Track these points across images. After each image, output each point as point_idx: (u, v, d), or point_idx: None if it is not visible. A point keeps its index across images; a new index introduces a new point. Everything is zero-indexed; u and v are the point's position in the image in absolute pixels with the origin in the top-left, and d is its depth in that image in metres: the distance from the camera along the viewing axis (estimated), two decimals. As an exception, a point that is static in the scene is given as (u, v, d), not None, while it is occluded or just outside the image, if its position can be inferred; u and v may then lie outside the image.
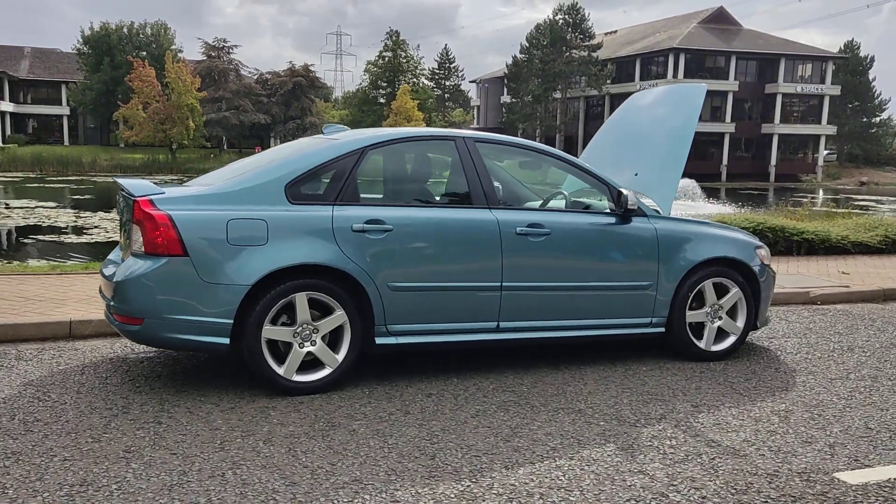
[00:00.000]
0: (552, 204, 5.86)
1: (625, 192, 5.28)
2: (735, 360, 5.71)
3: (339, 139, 4.93)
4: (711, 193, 34.81)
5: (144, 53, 62.03)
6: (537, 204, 5.76)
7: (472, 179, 5.03)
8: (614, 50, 65.71)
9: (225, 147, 66.92)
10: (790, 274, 9.15)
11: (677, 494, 3.42)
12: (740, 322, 5.74)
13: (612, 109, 64.41)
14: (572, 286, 5.19)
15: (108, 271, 4.64)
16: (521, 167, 6.32)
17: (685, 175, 6.63)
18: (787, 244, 10.73)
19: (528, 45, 68.23)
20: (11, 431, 3.86)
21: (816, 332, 6.72)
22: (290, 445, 3.80)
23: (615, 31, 75.51)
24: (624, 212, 5.30)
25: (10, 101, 63.17)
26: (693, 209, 19.76)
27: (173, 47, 64.44)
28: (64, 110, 65.53)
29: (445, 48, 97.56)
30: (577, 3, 63.70)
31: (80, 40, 62.73)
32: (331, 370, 4.61)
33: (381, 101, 70.84)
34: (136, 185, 4.46)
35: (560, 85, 65.05)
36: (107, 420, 4.07)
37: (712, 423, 4.34)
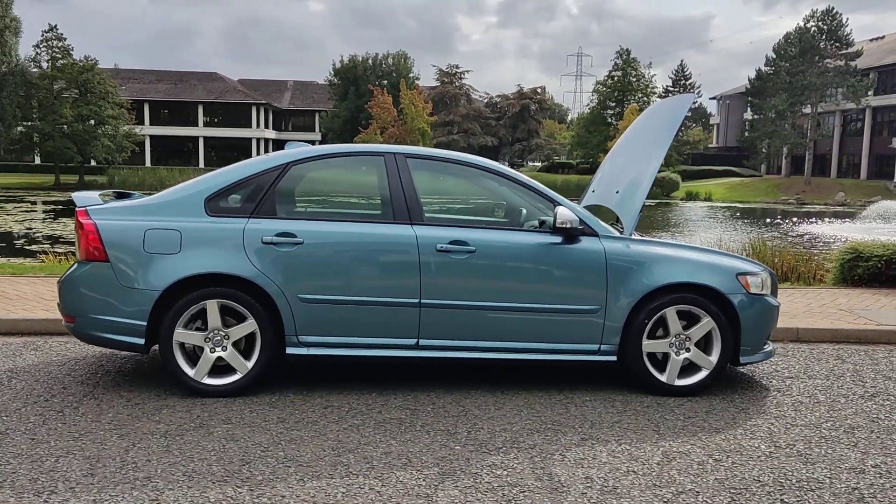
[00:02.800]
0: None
1: (560, 209, 5.01)
2: (706, 397, 5.15)
3: (268, 156, 5.19)
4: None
5: (385, 82, 66.61)
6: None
7: (395, 195, 5.05)
8: (879, 58, 59.39)
9: (455, 168, 69.63)
10: (899, 309, 7.93)
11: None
12: (714, 355, 5.17)
13: (874, 123, 58.28)
14: (501, 307, 5.01)
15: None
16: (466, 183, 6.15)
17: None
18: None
19: (774, 56, 63.79)
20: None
21: (840, 375, 5.84)
22: (136, 440, 4.09)
23: (882, 37, 68.21)
24: (555, 230, 5.02)
25: (273, 128, 70.88)
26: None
27: (410, 75, 68.50)
28: (316, 136, 72.16)
29: (681, 64, 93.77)
30: (832, 8, 58.48)
31: (332, 72, 68.79)
32: (241, 375, 4.86)
33: (610, 121, 69.85)
34: (81, 197, 5.02)
35: (811, 98, 59.97)
36: (36, 407, 4.63)
37: (575, 459, 4.01)
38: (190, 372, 4.83)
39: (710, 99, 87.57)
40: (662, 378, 5.16)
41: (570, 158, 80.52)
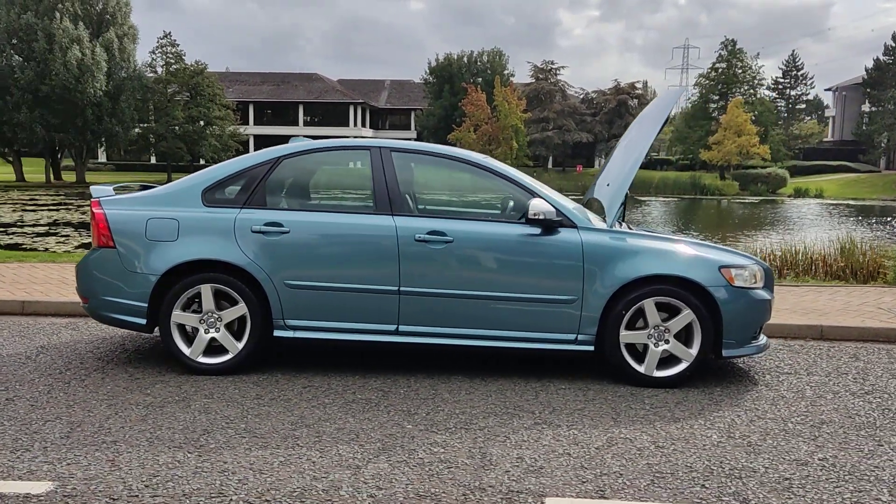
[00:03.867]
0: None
1: (534, 200, 5.13)
2: (685, 389, 5.18)
3: (262, 150, 5.52)
4: None
5: (480, 80, 66.87)
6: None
7: (379, 187, 5.30)
8: None
9: (550, 166, 69.28)
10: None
11: (322, 490, 3.48)
12: (694, 348, 5.17)
13: None
14: (477, 295, 5.17)
15: (83, 260, 5.77)
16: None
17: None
18: None
19: (894, 44, 60.37)
20: None
21: (844, 373, 5.70)
22: (120, 410, 4.50)
23: None
24: (528, 221, 5.14)
25: (370, 127, 72.44)
26: None
27: (505, 72, 68.48)
28: (412, 135, 73.21)
29: (792, 54, 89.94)
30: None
31: (427, 71, 69.63)
32: (232, 355, 5.23)
33: (713, 115, 67.73)
34: (97, 189, 5.49)
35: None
36: (45, 380, 5.13)
37: (518, 441, 4.17)
38: (186, 351, 5.22)
39: (826, 90, 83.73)
40: (641, 369, 5.20)
41: (670, 154, 78.64)
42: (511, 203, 5.56)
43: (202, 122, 54.89)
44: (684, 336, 5.23)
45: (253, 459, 3.81)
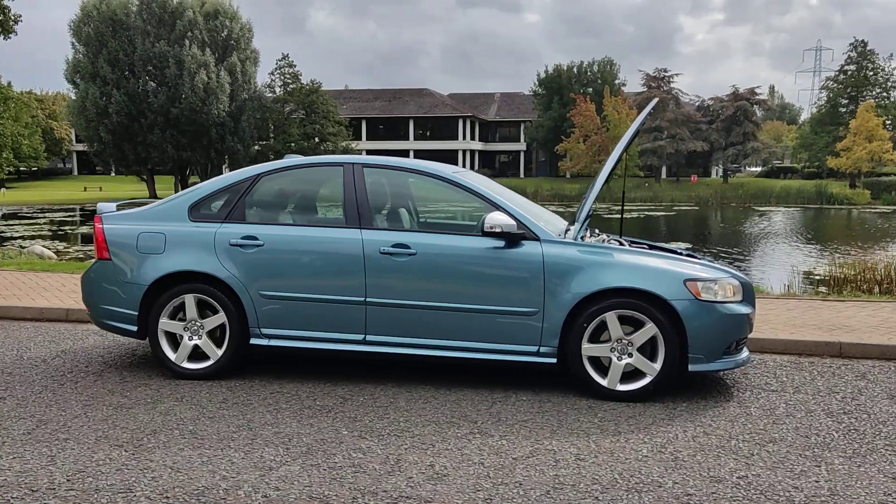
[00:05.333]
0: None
1: (491, 214, 5.20)
2: (648, 403, 5.10)
3: (245, 168, 5.84)
4: None
5: (590, 90, 66.22)
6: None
7: (349, 201, 5.51)
8: None
9: (663, 175, 67.59)
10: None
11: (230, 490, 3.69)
12: (658, 362, 5.07)
13: None
14: (440, 307, 5.28)
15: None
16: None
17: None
18: None
19: None
20: None
21: (834, 392, 5.42)
22: (92, 410, 4.89)
23: None
24: (483, 234, 5.20)
25: (480, 140, 73.02)
26: None
27: (616, 81, 67.50)
28: (521, 146, 73.29)
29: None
30: None
31: (536, 82, 69.58)
32: (213, 361, 5.56)
33: (841, 120, 64.16)
34: (102, 206, 5.97)
35: None
36: (42, 378, 5.63)
37: (439, 449, 4.25)
38: (172, 357, 5.59)
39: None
40: (604, 382, 5.15)
41: (794, 162, 75.01)
42: (482, 216, 5.63)
43: (317, 139, 57.04)
44: (649, 350, 5.14)
45: (178, 459, 4.08)
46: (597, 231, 6.20)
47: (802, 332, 6.91)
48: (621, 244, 5.74)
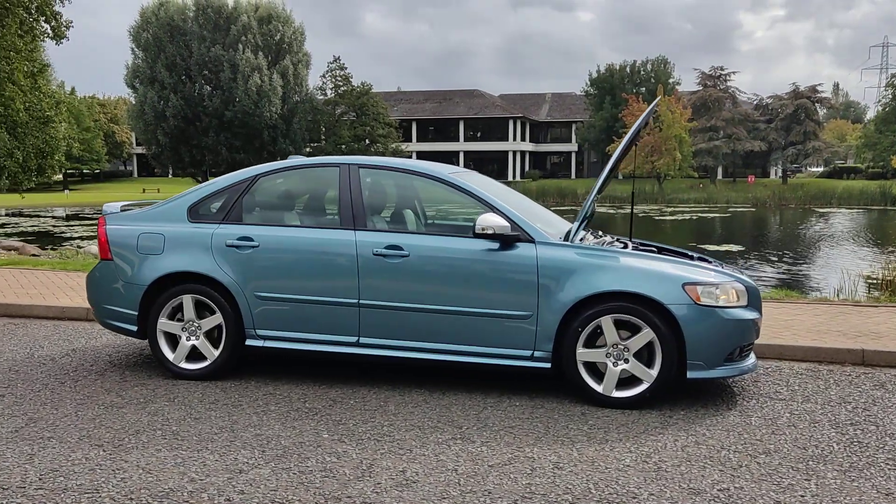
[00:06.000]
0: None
1: (484, 215, 5.09)
2: (645, 411, 4.94)
3: (243, 170, 5.84)
4: None
5: (643, 89, 65.26)
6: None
7: (344, 202, 5.47)
8: None
9: (719, 176, 66.22)
10: None
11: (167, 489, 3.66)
12: (655, 369, 4.90)
13: None
14: (433, 309, 5.19)
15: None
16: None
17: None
18: None
19: None
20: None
21: (845, 402, 5.16)
22: (83, 410, 4.93)
23: None
24: (476, 235, 5.09)
25: (530, 141, 72.59)
26: None
27: (670, 80, 66.37)
28: (572, 147, 72.62)
29: None
30: None
31: (588, 82, 68.88)
32: (210, 362, 5.57)
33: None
34: (107, 207, 6.04)
35: None
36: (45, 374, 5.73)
37: (415, 455, 4.18)
38: (170, 357, 5.62)
39: None
40: (599, 389, 5.01)
41: (858, 162, 72.67)
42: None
43: (367, 141, 57.46)
44: (646, 356, 4.97)
45: (153, 460, 4.08)
46: (600, 233, 6.04)
47: (825, 338, 6.62)
48: (626, 246, 5.57)
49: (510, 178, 67.81)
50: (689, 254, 5.97)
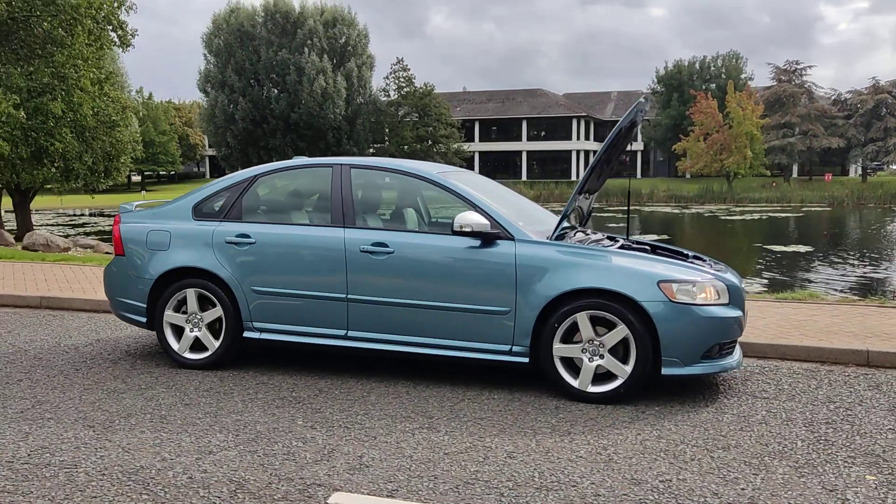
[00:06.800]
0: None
1: (462, 213, 5.23)
2: (618, 406, 5.00)
3: (244, 170, 6.12)
4: None
5: (713, 85, 63.91)
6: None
7: (335, 201, 5.68)
8: None
9: (794, 174, 64.34)
10: None
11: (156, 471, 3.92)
12: (629, 365, 4.96)
13: None
14: (416, 304, 5.36)
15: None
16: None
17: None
18: None
19: None
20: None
21: (830, 402, 5.11)
22: (88, 395, 5.28)
23: None
24: (454, 233, 5.24)
25: (595, 140, 71.86)
26: None
27: (742, 76, 64.80)
28: (638, 146, 71.55)
29: None
30: None
31: (655, 80, 67.82)
32: (211, 352, 5.87)
33: None
34: (123, 206, 6.41)
35: None
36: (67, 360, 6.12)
37: (376, 442, 4.35)
38: (175, 347, 5.94)
39: None
40: (575, 384, 5.09)
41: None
42: None
43: (429, 141, 57.93)
44: (622, 352, 5.03)
45: (133, 441, 4.36)
46: (589, 231, 6.10)
47: (833, 339, 6.51)
48: (617, 245, 5.63)
49: (572, 178, 67.28)
50: (685, 252, 5.99)
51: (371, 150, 58.60)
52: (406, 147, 57.10)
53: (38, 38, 19.60)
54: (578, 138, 69.61)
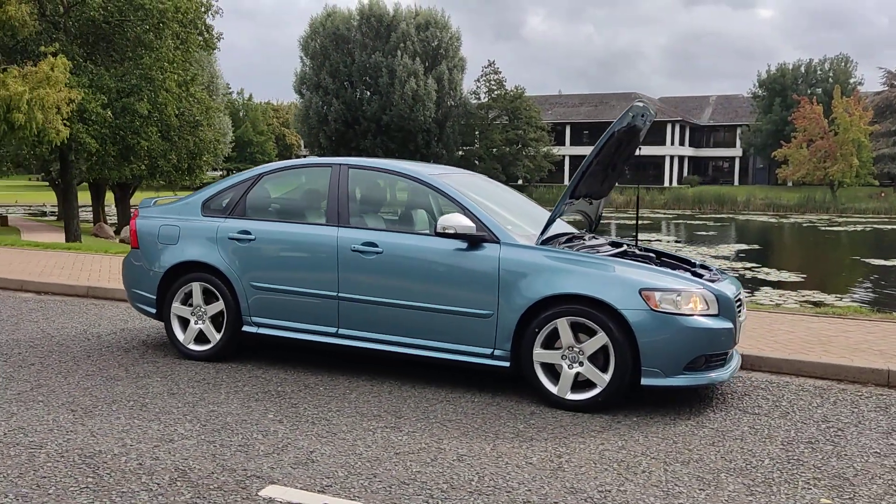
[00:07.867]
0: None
1: (446, 216, 5.21)
2: (599, 414, 4.87)
3: (250, 169, 6.27)
4: None
5: (819, 90, 61.22)
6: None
7: (332, 200, 5.76)
8: None
9: (903, 184, 60.77)
10: None
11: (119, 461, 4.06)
12: (608, 373, 4.82)
13: None
14: (403, 304, 5.37)
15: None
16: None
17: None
18: None
19: None
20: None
21: (823, 421, 4.82)
22: (87, 382, 5.51)
23: None
24: (436, 234, 5.22)
25: (690, 145, 69.88)
26: None
27: (851, 80, 61.78)
28: (736, 152, 69.15)
29: None
30: None
31: (756, 84, 65.41)
32: (212, 345, 6.04)
33: None
34: (142, 201, 6.67)
35: None
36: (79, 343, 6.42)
37: (336, 439, 4.38)
38: (181, 338, 6.14)
39: None
40: (554, 390, 4.99)
41: None
42: None
43: (518, 144, 57.74)
44: (602, 360, 4.89)
45: (105, 426, 4.53)
46: (589, 236, 5.96)
47: (857, 357, 6.14)
48: (618, 252, 5.50)
49: (666, 184, 65.65)
50: (692, 261, 5.79)
51: (460, 153, 58.86)
52: (495, 150, 57.12)
53: (129, 42, 20.67)
54: (673, 143, 67.82)
